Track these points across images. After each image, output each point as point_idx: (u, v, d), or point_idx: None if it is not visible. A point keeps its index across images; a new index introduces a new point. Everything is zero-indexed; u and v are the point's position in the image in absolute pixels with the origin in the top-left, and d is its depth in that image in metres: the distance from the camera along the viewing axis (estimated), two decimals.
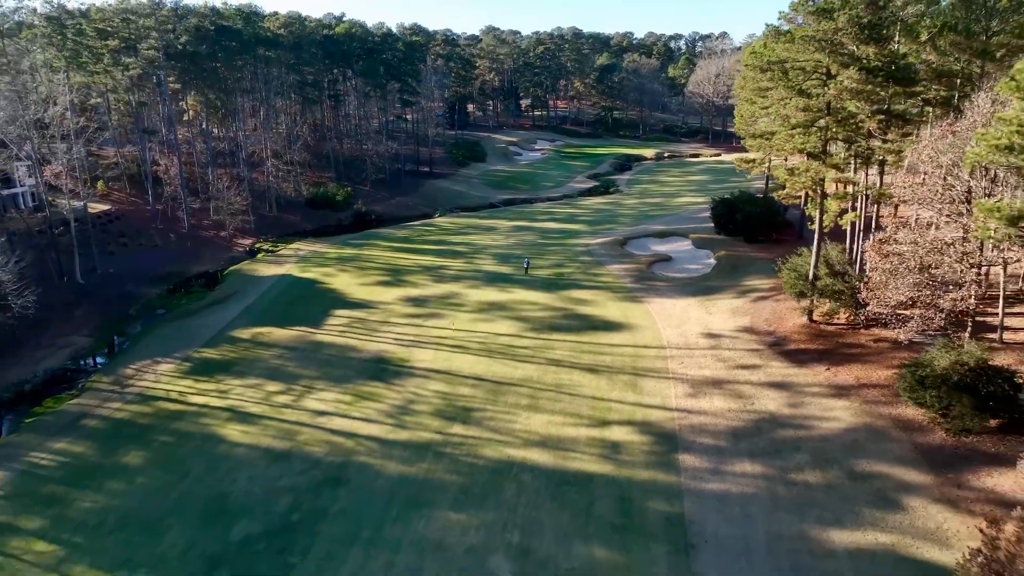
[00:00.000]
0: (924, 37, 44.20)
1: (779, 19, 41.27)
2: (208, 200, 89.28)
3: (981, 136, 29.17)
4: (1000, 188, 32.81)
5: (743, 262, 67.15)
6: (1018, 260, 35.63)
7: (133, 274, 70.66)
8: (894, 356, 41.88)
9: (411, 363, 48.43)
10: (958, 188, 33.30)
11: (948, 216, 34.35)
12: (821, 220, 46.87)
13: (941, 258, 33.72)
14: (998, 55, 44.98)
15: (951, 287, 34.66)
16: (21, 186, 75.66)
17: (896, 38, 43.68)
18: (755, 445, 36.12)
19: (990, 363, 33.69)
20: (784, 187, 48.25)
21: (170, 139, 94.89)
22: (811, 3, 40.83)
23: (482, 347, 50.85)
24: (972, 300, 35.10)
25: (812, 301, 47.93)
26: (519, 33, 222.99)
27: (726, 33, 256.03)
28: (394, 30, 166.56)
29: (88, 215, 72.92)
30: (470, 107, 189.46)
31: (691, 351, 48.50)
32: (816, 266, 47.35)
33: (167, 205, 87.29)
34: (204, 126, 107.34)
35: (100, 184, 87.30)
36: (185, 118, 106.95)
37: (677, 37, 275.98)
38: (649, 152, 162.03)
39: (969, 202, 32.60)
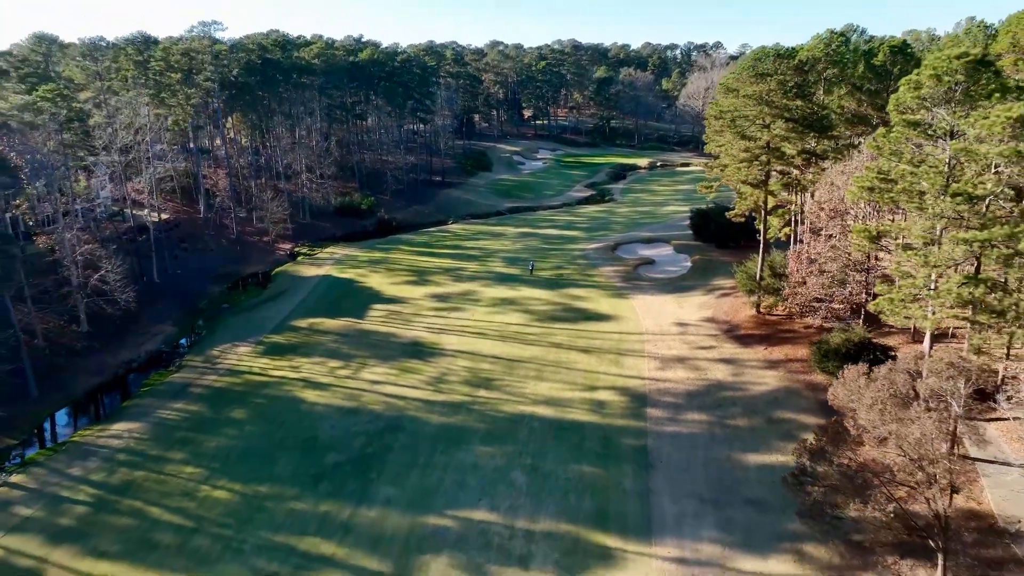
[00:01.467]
0: (843, 91, 56.78)
1: (728, 80, 53.89)
2: (252, 209, 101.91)
3: (855, 179, 41.57)
4: (877, 213, 45.31)
5: (713, 265, 79.78)
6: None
7: (196, 274, 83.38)
8: (816, 338, 54.45)
9: (441, 346, 61.01)
10: (850, 212, 45.86)
11: (841, 232, 46.89)
12: (765, 233, 59.52)
13: (834, 265, 46.26)
14: None
15: (846, 286, 47.25)
16: (97, 199, 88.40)
17: (820, 92, 56.24)
18: (703, 402, 48.82)
19: (872, 340, 46.30)
20: (733, 208, 60.93)
21: (220, 156, 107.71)
22: (753, 68, 53.39)
23: (498, 334, 63.46)
24: (863, 296, 47.65)
25: (759, 297, 60.54)
26: (522, 47, 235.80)
27: (720, 43, 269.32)
28: (405, 47, 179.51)
29: (160, 224, 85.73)
30: (476, 117, 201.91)
31: (663, 336, 61.12)
32: (762, 269, 59.94)
33: (216, 214, 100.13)
34: (247, 143, 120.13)
35: (157, 196, 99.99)
36: (228, 136, 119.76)
37: (673, 47, 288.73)
38: (643, 161, 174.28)
39: (848, 224, 45.20)
